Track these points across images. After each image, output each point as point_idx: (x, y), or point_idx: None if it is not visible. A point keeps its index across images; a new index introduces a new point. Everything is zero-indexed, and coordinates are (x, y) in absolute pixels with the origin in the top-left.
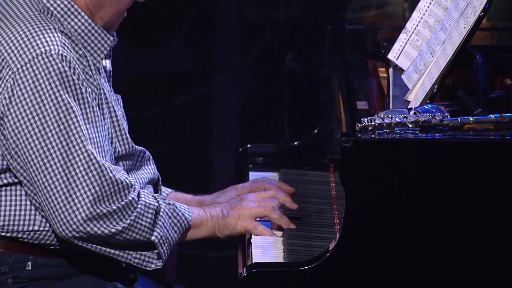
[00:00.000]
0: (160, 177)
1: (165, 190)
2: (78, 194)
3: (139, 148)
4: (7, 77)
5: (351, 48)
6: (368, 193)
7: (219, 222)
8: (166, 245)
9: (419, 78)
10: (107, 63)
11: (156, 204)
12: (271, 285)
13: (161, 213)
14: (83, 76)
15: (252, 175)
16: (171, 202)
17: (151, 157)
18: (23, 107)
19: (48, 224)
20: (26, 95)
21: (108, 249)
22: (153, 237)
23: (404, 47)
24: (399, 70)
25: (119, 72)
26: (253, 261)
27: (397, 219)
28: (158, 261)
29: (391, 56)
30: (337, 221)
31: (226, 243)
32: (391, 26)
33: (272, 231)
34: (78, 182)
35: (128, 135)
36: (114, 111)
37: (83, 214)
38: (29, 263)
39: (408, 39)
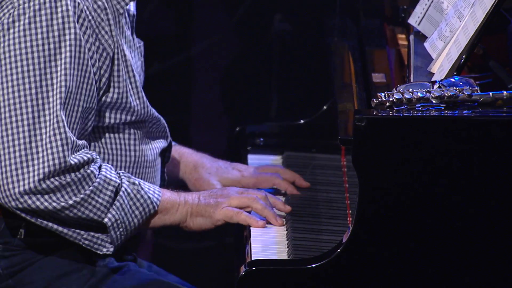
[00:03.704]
0: (172, 143)
1: None
2: (35, 161)
3: (155, 114)
4: (6, 12)
5: (366, 12)
6: (385, 179)
7: (192, 208)
8: (121, 229)
9: (445, 46)
10: (131, 6)
11: (118, 181)
12: (273, 285)
13: (121, 193)
14: (96, 31)
15: (251, 158)
16: (137, 182)
17: (166, 128)
18: (11, 45)
19: None
20: (20, 33)
21: (55, 226)
22: (106, 219)
23: (427, 10)
24: (421, 37)
25: None
26: (253, 258)
27: (418, 209)
28: (110, 245)
29: (412, 21)
30: (350, 211)
31: (207, 234)
32: None
33: (262, 222)
34: (40, 148)
35: (143, 95)
36: (131, 65)
37: (32, 185)
38: (22, 231)
39: (432, 1)
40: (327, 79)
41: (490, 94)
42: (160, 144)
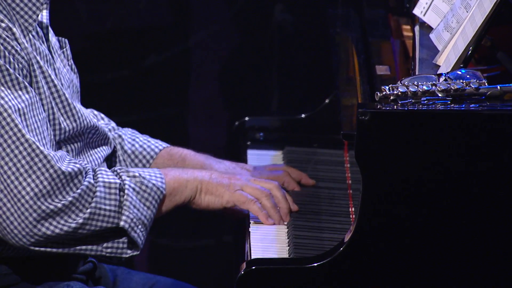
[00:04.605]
0: (117, 155)
1: (157, 145)
2: (24, 192)
3: (91, 123)
4: None
5: (369, 2)
6: (389, 175)
7: (203, 185)
8: (139, 227)
9: (451, 37)
10: (43, 17)
11: (119, 181)
12: (273, 285)
13: (126, 191)
14: (12, 51)
15: (251, 153)
16: (137, 173)
17: (107, 134)
18: None
19: None
20: None
21: (73, 247)
22: (122, 222)
23: (433, 0)
24: (427, 28)
25: (79, 27)
26: (252, 257)
27: (424, 206)
28: (133, 247)
29: (417, 11)
30: (353, 209)
31: (206, 232)
32: None
33: (272, 221)
34: (21, 178)
35: (76, 108)
36: (52, 81)
37: (34, 215)
38: None
39: None
40: (329, 72)
41: (498, 87)
42: (102, 152)
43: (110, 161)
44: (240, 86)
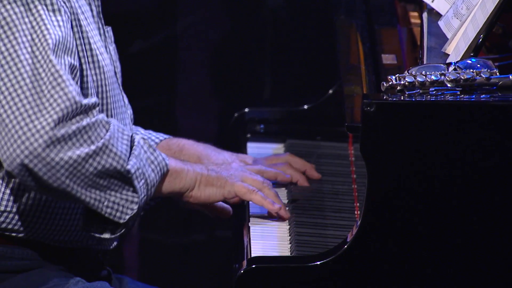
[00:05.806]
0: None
1: (158, 136)
2: (44, 111)
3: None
4: None
5: None
6: (396, 169)
7: (202, 177)
8: (142, 181)
9: (461, 25)
10: None
11: (130, 132)
12: (274, 284)
13: (136, 143)
14: None
15: (251, 146)
16: (146, 137)
17: (131, 115)
18: None
19: (10, 204)
20: None
21: (74, 190)
22: (128, 166)
23: None
24: (435, 15)
25: None
26: (252, 255)
27: (432, 202)
28: (132, 204)
29: None
30: (357, 204)
31: (199, 227)
32: None
33: (278, 206)
34: (44, 99)
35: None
36: (89, 43)
37: (45, 137)
38: None
39: None
40: (333, 60)
41: (510, 77)
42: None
43: None
44: (236, 76)
